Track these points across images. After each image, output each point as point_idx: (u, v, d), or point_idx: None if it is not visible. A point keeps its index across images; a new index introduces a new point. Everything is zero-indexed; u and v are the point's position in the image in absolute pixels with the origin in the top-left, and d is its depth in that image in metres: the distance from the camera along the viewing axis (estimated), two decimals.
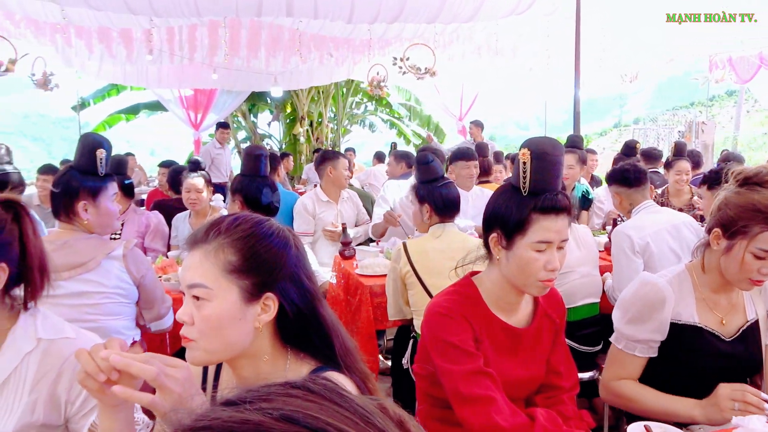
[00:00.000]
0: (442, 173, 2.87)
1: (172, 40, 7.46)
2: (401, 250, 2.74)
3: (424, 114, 13.78)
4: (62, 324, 1.39)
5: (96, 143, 2.23)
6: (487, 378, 1.61)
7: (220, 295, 1.09)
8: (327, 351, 1.18)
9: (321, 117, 13.23)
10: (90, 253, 2.14)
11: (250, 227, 1.14)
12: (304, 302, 1.15)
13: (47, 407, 1.30)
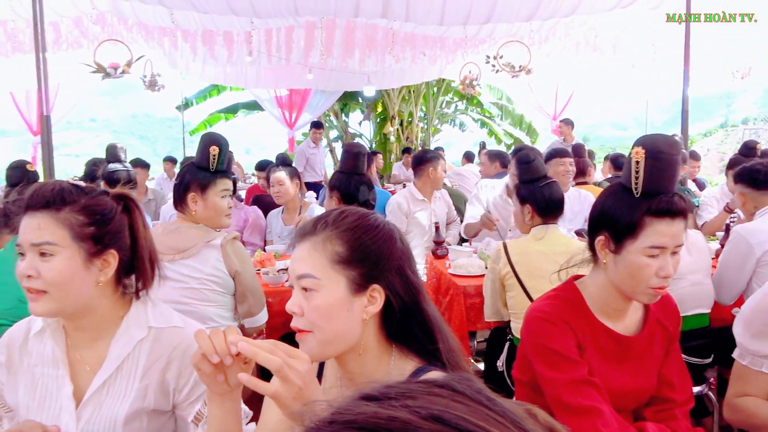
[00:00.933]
0: (545, 172, 2.78)
1: (269, 41, 7.70)
2: (501, 251, 2.68)
3: (516, 113, 13.51)
4: (171, 313, 1.44)
5: (211, 141, 2.36)
6: (593, 388, 1.53)
7: (328, 285, 1.10)
8: (431, 348, 1.16)
9: (411, 116, 13.25)
10: (192, 240, 2.27)
11: (357, 219, 1.16)
12: (410, 296, 1.15)
13: (157, 393, 1.34)
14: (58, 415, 1.31)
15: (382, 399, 0.45)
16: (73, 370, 1.34)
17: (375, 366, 1.17)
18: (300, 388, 0.97)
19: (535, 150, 4.53)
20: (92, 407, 1.32)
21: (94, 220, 1.28)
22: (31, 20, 4.06)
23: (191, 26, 6.88)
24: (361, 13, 5.05)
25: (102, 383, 1.32)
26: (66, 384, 1.32)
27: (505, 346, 2.76)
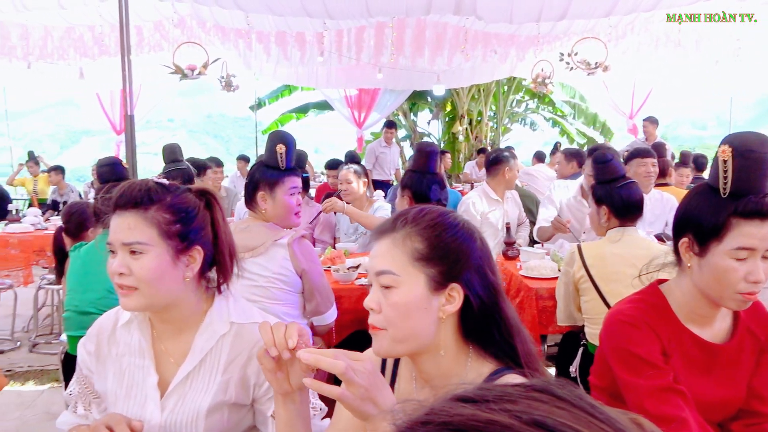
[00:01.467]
0: (623, 172, 2.67)
1: (340, 41, 7.79)
2: (575, 253, 2.60)
3: (590, 112, 13.12)
4: (251, 309, 1.46)
5: (278, 139, 2.39)
6: (679, 396, 1.46)
7: (408, 282, 1.10)
8: (509, 350, 1.14)
9: (481, 115, 13.11)
10: (261, 239, 2.31)
11: (437, 217, 1.15)
12: (489, 296, 1.13)
13: (238, 388, 1.36)
14: (143, 404, 1.36)
15: (479, 401, 0.44)
16: (158, 361, 1.38)
17: (451, 366, 1.15)
18: (366, 389, 0.97)
19: (612, 149, 4.38)
20: (176, 398, 1.35)
21: (179, 218, 1.32)
22: (117, 25, 4.26)
23: (265, 28, 7.05)
24: (433, 11, 5.02)
25: (186, 375, 1.35)
26: (151, 374, 1.36)
27: (579, 351, 2.68)
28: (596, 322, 2.51)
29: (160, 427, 1.34)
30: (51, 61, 8.00)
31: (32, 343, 4.97)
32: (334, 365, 0.96)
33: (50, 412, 3.76)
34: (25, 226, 5.92)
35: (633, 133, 10.79)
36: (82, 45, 7.71)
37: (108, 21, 6.40)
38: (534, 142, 20.89)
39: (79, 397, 1.47)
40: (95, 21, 6.67)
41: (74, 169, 9.12)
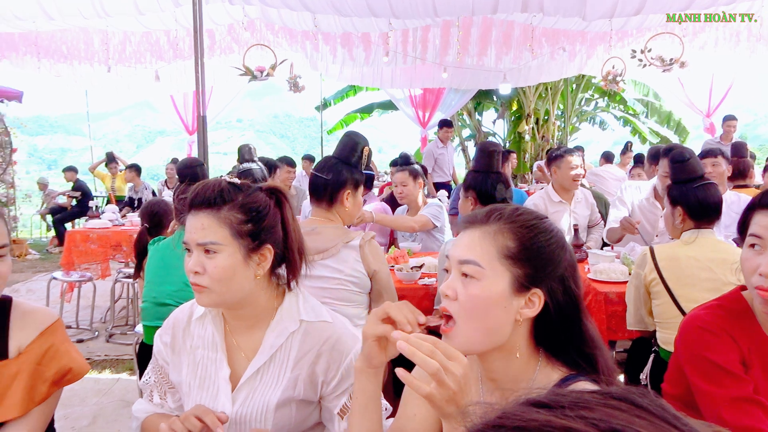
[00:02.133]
0: (701, 173, 2.55)
1: (406, 41, 7.81)
2: (647, 256, 2.51)
3: (664, 110, 12.63)
4: (321, 307, 1.47)
5: (363, 141, 2.43)
6: (759, 408, 1.39)
7: (492, 276, 1.07)
8: (584, 361, 1.11)
9: (548, 114, 12.84)
10: (332, 241, 2.30)
11: (533, 219, 1.13)
12: (569, 307, 1.10)
13: (306, 384, 1.39)
14: (215, 396, 1.40)
15: (554, 407, 0.43)
16: (230, 355, 1.42)
17: (521, 369, 1.12)
18: (454, 393, 0.95)
19: (688, 149, 4.20)
20: (246, 391, 1.39)
21: (250, 217, 1.34)
22: (191, 29, 4.42)
23: (332, 29, 7.15)
24: (500, 9, 4.95)
25: (256, 370, 1.39)
26: (224, 367, 1.40)
27: (650, 357, 2.58)
28: (668, 327, 2.41)
29: (231, 420, 1.38)
30: (129, 64, 8.38)
31: (109, 333, 5.22)
32: (427, 364, 0.94)
33: (125, 400, 3.93)
34: (104, 222, 6.22)
35: (710, 132, 10.31)
36: (158, 49, 8.04)
37: (183, 25, 6.65)
38: (604, 142, 20.31)
39: (155, 386, 1.53)
40: (170, 26, 6.94)
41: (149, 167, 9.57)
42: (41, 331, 1.48)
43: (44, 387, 1.45)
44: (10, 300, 1.50)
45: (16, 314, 1.48)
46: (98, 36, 7.70)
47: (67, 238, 5.98)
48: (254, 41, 7.22)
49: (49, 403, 1.47)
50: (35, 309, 1.53)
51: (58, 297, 5.58)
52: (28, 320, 1.49)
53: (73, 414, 3.67)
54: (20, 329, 1.47)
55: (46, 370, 1.45)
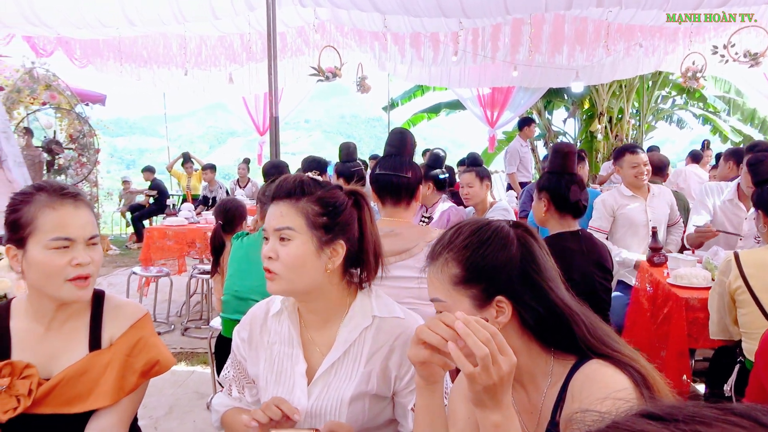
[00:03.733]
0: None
1: (475, 40, 7.74)
2: (731, 262, 2.38)
3: (747, 107, 11.98)
4: (393, 304, 1.49)
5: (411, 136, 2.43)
6: None
7: (455, 306, 1.14)
8: (573, 341, 1.13)
9: (622, 113, 12.41)
10: (413, 240, 2.29)
11: (468, 236, 1.17)
12: (537, 297, 1.13)
13: (379, 379, 1.41)
14: (291, 390, 1.44)
15: (668, 420, 0.41)
16: (306, 350, 1.46)
17: (533, 365, 1.17)
18: (495, 384, 0.96)
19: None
20: (321, 386, 1.42)
21: (327, 211, 1.38)
22: (264, 32, 4.54)
23: (401, 30, 7.17)
24: (575, 5, 4.83)
25: (330, 365, 1.42)
26: (300, 362, 1.44)
27: (735, 368, 2.45)
28: (755, 338, 2.28)
29: (307, 413, 1.41)
30: (204, 67, 8.69)
31: (184, 327, 5.42)
32: (478, 347, 0.95)
33: (199, 392, 4.07)
34: (180, 220, 6.46)
35: None
36: (231, 52, 8.29)
37: (256, 29, 6.82)
38: (682, 141, 19.48)
39: (233, 381, 1.58)
40: (244, 29, 7.14)
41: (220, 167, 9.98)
42: (131, 324, 1.55)
43: (133, 378, 1.51)
44: (103, 294, 1.58)
45: (108, 307, 1.56)
46: (176, 40, 8.02)
47: (146, 234, 6.25)
48: (324, 43, 7.33)
49: (137, 394, 1.54)
50: (126, 302, 1.61)
51: (136, 291, 5.84)
52: (120, 313, 1.56)
53: (150, 404, 3.82)
54: (112, 321, 1.54)
55: (136, 362, 1.52)
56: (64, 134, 8.88)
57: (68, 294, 1.41)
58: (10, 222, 1.40)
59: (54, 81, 8.70)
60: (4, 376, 1.42)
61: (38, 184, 1.45)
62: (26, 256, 1.39)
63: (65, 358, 1.48)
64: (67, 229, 1.39)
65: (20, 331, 1.48)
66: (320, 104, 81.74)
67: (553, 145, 3.41)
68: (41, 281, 1.40)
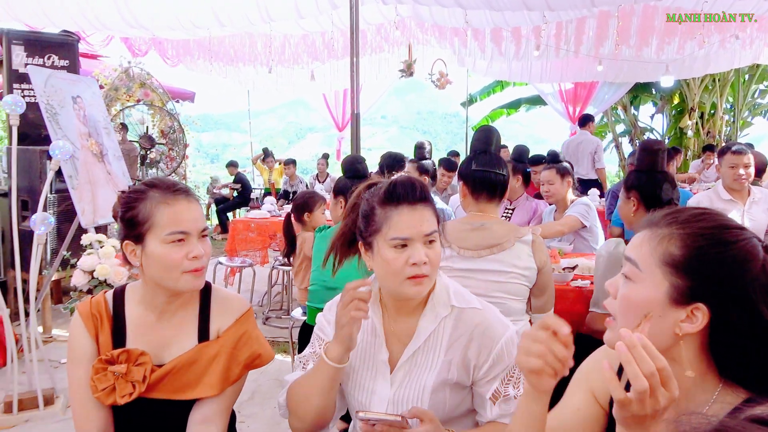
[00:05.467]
0: None
1: (559, 34, 7.55)
2: None
3: None
4: (470, 296, 1.52)
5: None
6: None
7: (648, 281, 1.01)
8: (755, 373, 0.98)
9: (714, 108, 11.79)
10: (503, 236, 2.30)
11: (713, 227, 1.01)
12: (751, 331, 0.96)
13: (459, 368, 1.44)
14: (375, 377, 1.49)
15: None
16: (388, 340, 1.50)
17: (695, 390, 1.03)
18: (646, 416, 0.90)
19: None
20: (403, 374, 1.46)
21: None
22: (346, 30, 4.61)
23: (482, 25, 7.09)
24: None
25: (412, 354, 1.46)
26: (383, 351, 1.49)
27: None
28: None
29: (390, 401, 1.46)
30: (287, 65, 8.93)
31: (265, 316, 5.60)
32: (638, 380, 0.89)
33: (279, 379, 4.21)
34: (263, 212, 6.67)
35: None
36: (314, 50, 8.48)
37: (338, 27, 6.94)
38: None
39: (310, 357, 1.61)
40: (326, 27, 7.28)
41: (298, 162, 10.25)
42: (237, 318, 1.62)
43: (237, 369, 1.58)
44: (210, 285, 1.65)
45: (215, 299, 1.64)
46: (261, 39, 8.28)
47: (231, 226, 6.49)
48: (404, 40, 7.36)
49: (239, 384, 1.61)
50: (232, 296, 1.69)
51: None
52: (226, 306, 1.64)
53: None
54: (219, 314, 1.62)
55: (240, 354, 1.59)
56: (156, 130, 9.36)
57: (185, 285, 1.49)
58: (127, 219, 1.48)
59: (148, 79, 9.19)
60: (122, 362, 1.51)
61: (149, 181, 1.53)
62: (145, 251, 1.47)
63: (176, 348, 1.57)
64: (183, 224, 1.47)
65: (134, 318, 1.58)
66: (397, 100, 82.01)
67: (642, 142, 3.29)
68: (160, 273, 1.48)
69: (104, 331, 1.56)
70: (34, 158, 4.78)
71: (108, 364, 1.51)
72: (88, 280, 3.36)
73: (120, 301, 1.60)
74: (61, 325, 5.27)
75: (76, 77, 4.70)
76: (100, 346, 1.55)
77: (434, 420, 1.35)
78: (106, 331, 1.56)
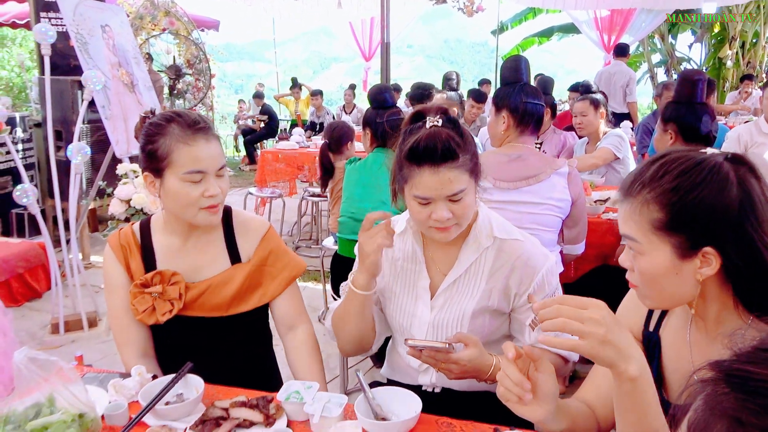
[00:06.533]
0: None
1: None
2: None
3: None
4: (512, 227, 1.55)
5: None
6: None
7: (651, 250, 1.03)
8: None
9: (757, 37, 11.25)
10: (539, 168, 2.30)
11: (677, 176, 1.01)
12: (752, 256, 0.98)
13: (500, 296, 1.50)
14: (415, 302, 1.55)
15: None
16: (428, 267, 1.56)
17: (728, 320, 1.06)
18: (603, 335, 0.93)
19: None
20: (443, 300, 1.52)
21: (471, 155, 1.42)
22: None
23: None
24: None
25: (453, 281, 1.52)
26: (423, 277, 1.55)
27: None
28: None
29: (429, 324, 1.53)
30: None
31: (295, 245, 5.71)
32: (558, 326, 0.96)
33: (310, 306, 4.33)
34: (291, 144, 6.68)
35: None
36: None
37: None
38: None
39: None
40: None
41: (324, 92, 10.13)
42: (261, 238, 1.69)
43: (275, 284, 1.68)
44: (230, 209, 1.71)
45: (237, 222, 1.70)
46: None
47: (260, 158, 6.53)
48: None
49: (296, 291, 1.73)
50: (251, 217, 1.74)
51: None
52: (249, 228, 1.70)
53: None
54: (243, 237, 1.69)
55: (273, 270, 1.68)
56: (183, 60, 9.29)
57: (201, 220, 1.56)
58: (148, 151, 1.51)
59: (172, 7, 9.05)
60: (156, 284, 1.60)
61: (169, 115, 1.54)
62: (163, 186, 1.52)
63: (207, 270, 1.65)
64: (200, 163, 1.50)
65: (162, 245, 1.65)
66: (424, 29, 79.79)
67: (682, 72, 3.19)
68: (177, 208, 1.54)
69: (134, 259, 1.64)
70: (66, 88, 4.81)
71: (143, 288, 1.60)
72: (125, 209, 3.44)
73: (147, 231, 1.67)
74: (98, 252, 5.45)
75: (104, 5, 4.65)
76: (133, 273, 1.63)
77: (478, 344, 1.41)
78: (136, 259, 1.64)
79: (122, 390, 1.40)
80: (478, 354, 1.39)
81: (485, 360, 1.40)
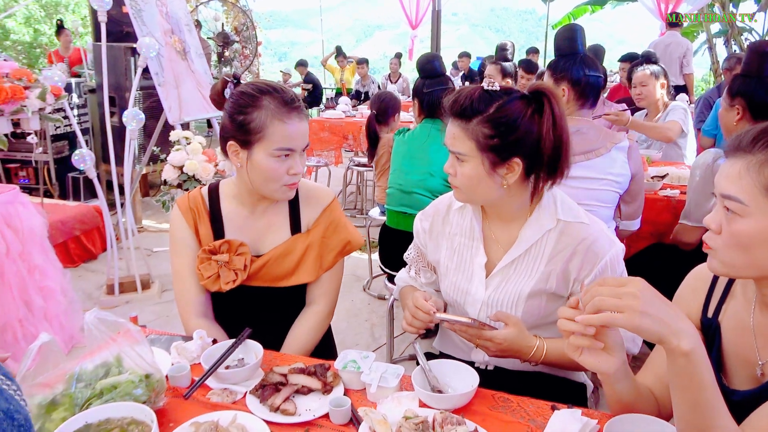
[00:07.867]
0: None
1: None
2: None
3: None
4: (578, 209, 1.48)
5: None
6: None
7: (757, 214, 0.97)
8: None
9: None
10: (598, 142, 2.24)
11: None
12: None
13: (559, 279, 1.44)
14: (470, 279, 1.52)
15: None
16: (486, 245, 1.52)
17: None
18: (639, 305, 0.92)
19: None
20: (499, 279, 1.48)
21: (498, 132, 1.34)
22: None
23: None
24: None
25: (511, 261, 1.47)
26: (480, 254, 1.51)
27: None
28: None
29: (483, 302, 1.50)
30: None
31: None
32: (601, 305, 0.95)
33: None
34: (337, 113, 6.67)
35: None
36: None
37: None
38: None
39: (413, 261, 1.71)
40: None
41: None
42: (324, 208, 1.70)
43: (330, 256, 1.69)
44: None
45: (302, 192, 1.70)
46: None
47: None
48: None
49: (336, 270, 1.73)
50: (316, 187, 1.75)
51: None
52: (313, 198, 1.71)
53: None
54: (307, 207, 1.70)
55: (331, 242, 1.69)
56: (230, 27, 9.34)
57: (280, 195, 1.57)
58: (239, 122, 1.50)
59: None
60: (223, 252, 1.62)
61: (262, 87, 1.52)
62: (251, 158, 1.52)
63: (269, 240, 1.66)
64: (292, 141, 1.50)
65: (230, 212, 1.67)
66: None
67: (751, 44, 3.04)
68: (259, 182, 1.54)
69: (203, 223, 1.66)
70: (119, 55, 4.89)
71: (211, 254, 1.62)
72: (177, 174, 3.51)
73: (215, 197, 1.68)
74: (149, 216, 5.59)
75: None
76: (201, 237, 1.65)
77: (518, 324, 1.39)
78: (205, 224, 1.66)
79: (184, 352, 1.44)
80: (516, 334, 1.38)
81: (525, 341, 1.39)
